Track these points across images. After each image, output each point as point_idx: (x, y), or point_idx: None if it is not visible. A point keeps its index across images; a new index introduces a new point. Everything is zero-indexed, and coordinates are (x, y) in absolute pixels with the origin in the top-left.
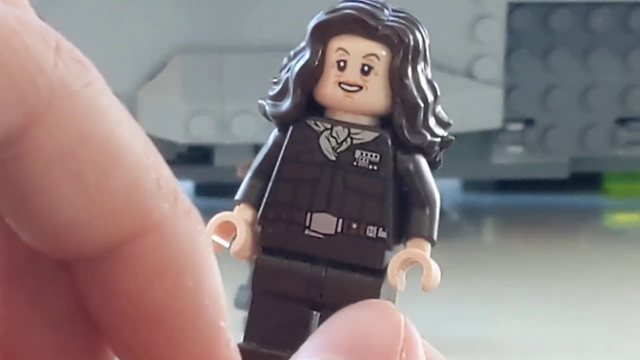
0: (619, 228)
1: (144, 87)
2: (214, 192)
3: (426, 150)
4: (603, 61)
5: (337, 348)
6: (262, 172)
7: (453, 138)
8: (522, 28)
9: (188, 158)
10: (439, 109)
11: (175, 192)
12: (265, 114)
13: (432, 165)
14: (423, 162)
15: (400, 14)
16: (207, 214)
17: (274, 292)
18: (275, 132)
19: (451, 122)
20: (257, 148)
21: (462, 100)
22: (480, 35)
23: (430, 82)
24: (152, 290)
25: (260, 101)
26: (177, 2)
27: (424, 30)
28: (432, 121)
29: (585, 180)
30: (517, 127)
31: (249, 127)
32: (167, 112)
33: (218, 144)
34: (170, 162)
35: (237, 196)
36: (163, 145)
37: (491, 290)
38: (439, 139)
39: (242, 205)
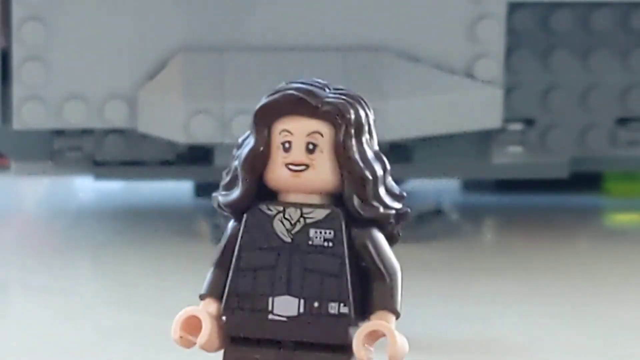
0: (619, 228)
1: (144, 87)
2: (214, 192)
3: (381, 223)
4: (603, 61)
5: None
6: (223, 264)
7: (409, 210)
8: (522, 28)
9: (188, 158)
10: (390, 181)
11: None
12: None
13: (391, 239)
14: (379, 235)
15: (341, 91)
16: (207, 214)
17: None
18: (231, 222)
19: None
20: None
21: (462, 100)
22: (480, 35)
23: (377, 155)
24: None
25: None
26: (177, 2)
27: (367, 105)
28: (383, 193)
29: (585, 180)
30: (517, 127)
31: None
32: (167, 112)
33: (218, 144)
34: (170, 162)
35: (202, 291)
36: (163, 145)
37: (491, 290)
38: (393, 211)
39: (207, 300)
